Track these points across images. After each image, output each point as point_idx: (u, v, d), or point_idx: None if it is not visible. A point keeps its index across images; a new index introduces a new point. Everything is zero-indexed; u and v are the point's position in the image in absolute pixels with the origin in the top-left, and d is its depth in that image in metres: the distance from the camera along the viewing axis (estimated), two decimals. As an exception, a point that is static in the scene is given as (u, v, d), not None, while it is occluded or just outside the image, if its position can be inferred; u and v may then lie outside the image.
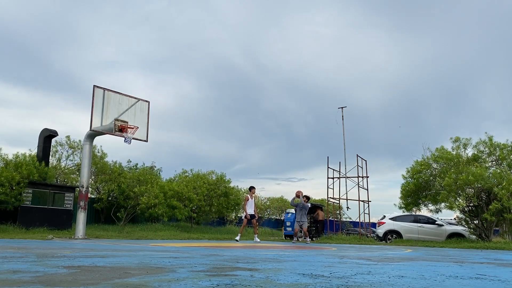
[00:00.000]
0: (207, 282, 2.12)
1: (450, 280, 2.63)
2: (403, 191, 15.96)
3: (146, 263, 3.24)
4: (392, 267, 3.56)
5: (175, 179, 21.88)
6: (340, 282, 2.29)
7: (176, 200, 18.35)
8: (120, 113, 12.14)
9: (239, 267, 3.09)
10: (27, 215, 14.15)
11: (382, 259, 4.84)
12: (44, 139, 15.93)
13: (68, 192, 15.77)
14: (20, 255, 3.84)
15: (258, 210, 32.18)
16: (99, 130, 11.72)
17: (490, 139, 14.81)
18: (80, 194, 11.92)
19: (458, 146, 15.23)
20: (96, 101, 11.68)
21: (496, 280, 2.69)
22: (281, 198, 33.72)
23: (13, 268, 2.64)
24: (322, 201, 27.38)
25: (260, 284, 2.11)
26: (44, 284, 1.91)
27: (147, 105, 12.98)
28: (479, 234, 14.18)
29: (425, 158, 15.48)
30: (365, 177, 19.76)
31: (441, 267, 3.73)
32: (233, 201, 21.94)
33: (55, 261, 3.28)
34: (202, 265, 3.19)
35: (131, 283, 2.03)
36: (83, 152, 12.26)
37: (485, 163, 14.89)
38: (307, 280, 2.35)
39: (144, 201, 17.13)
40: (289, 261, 3.98)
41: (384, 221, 17.16)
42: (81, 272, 2.49)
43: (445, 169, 14.53)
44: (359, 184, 19.63)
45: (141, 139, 12.58)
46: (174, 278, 2.26)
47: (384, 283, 2.32)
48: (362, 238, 17.49)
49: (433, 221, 16.20)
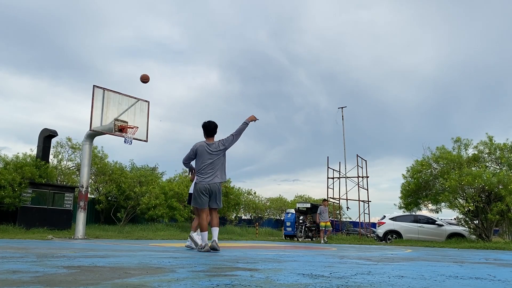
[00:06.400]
0: (207, 282, 2.12)
1: (450, 280, 2.63)
2: (403, 190, 15.96)
3: (146, 263, 3.23)
4: (392, 267, 3.56)
5: (175, 179, 21.87)
6: (340, 282, 2.29)
7: (177, 201, 18.34)
8: (120, 113, 12.14)
9: (239, 267, 3.08)
10: (27, 215, 14.15)
11: (382, 259, 4.84)
12: (44, 139, 15.92)
13: (68, 192, 15.77)
14: (20, 255, 3.84)
15: (258, 210, 32.21)
16: (99, 130, 11.71)
17: (490, 139, 14.82)
18: (80, 194, 11.92)
19: (459, 147, 15.23)
20: (96, 101, 11.68)
21: (496, 280, 2.69)
22: (280, 198, 33.70)
23: (13, 268, 2.64)
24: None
25: (260, 284, 2.11)
26: (44, 284, 1.90)
27: (147, 105, 12.98)
28: (479, 234, 14.17)
29: (426, 157, 15.48)
30: (365, 177, 19.77)
31: (441, 267, 3.73)
32: (233, 201, 21.90)
33: (55, 261, 3.28)
34: (202, 265, 3.19)
35: (131, 283, 2.03)
36: (83, 152, 12.25)
37: (485, 162, 14.90)
38: (307, 280, 2.34)
39: (144, 201, 17.12)
40: (289, 261, 3.98)
41: (384, 221, 17.16)
42: (81, 272, 2.49)
43: (446, 170, 14.52)
44: (359, 184, 19.64)
45: (141, 139, 12.58)
46: (174, 278, 2.26)
47: (384, 283, 2.31)
48: (362, 238, 17.50)
49: (433, 221, 16.20)
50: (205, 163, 5.60)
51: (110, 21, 56.54)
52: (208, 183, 5.56)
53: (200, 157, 5.67)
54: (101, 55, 59.74)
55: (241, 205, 26.02)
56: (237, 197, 22.45)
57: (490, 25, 54.06)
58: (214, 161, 5.63)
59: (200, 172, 5.64)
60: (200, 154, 5.66)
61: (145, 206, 17.18)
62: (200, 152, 5.66)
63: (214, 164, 5.63)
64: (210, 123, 5.78)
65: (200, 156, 5.67)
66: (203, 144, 5.70)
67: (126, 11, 56.76)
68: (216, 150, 5.66)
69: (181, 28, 61.98)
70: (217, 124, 5.80)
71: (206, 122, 5.80)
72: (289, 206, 29.57)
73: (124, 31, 57.53)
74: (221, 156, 5.72)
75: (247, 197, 30.41)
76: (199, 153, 5.67)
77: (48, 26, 53.04)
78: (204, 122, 5.81)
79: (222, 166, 5.72)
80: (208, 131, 5.77)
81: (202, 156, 5.64)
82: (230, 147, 5.76)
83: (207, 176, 5.58)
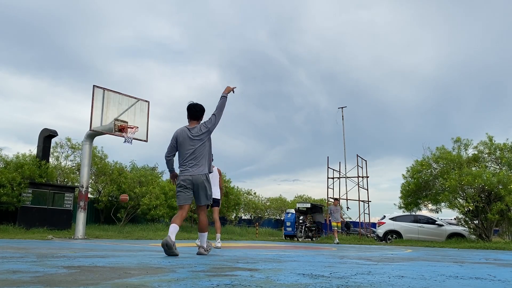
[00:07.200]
0: (207, 282, 2.12)
1: (450, 280, 2.63)
2: (403, 191, 15.96)
3: (146, 263, 3.23)
4: (392, 267, 3.56)
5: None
6: (340, 282, 2.29)
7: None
8: (120, 113, 12.14)
9: (239, 267, 3.08)
10: (27, 215, 14.15)
11: (382, 259, 4.84)
12: (44, 139, 15.92)
13: (68, 192, 15.77)
14: (19, 255, 3.84)
15: (258, 210, 32.23)
16: (99, 130, 11.72)
17: (490, 139, 14.82)
18: (80, 194, 11.92)
19: (459, 147, 15.23)
20: (96, 101, 11.68)
21: (496, 280, 2.69)
22: (280, 198, 33.70)
23: (13, 268, 2.64)
24: (322, 201, 27.38)
25: (260, 284, 2.11)
26: (44, 284, 1.90)
27: (147, 105, 12.98)
28: (479, 234, 14.18)
29: (426, 158, 15.48)
30: (365, 177, 19.77)
31: (441, 267, 3.73)
32: (233, 201, 21.92)
33: (55, 261, 3.28)
34: (202, 265, 3.19)
35: (131, 283, 2.03)
36: (83, 152, 12.26)
37: (485, 162, 14.90)
38: (307, 280, 2.34)
39: (145, 202, 17.12)
40: (289, 261, 3.98)
41: (384, 221, 17.16)
42: (81, 272, 2.49)
43: (446, 170, 14.53)
44: (359, 184, 19.64)
45: (141, 139, 12.58)
46: (174, 278, 2.26)
47: (384, 283, 2.31)
48: (362, 238, 17.50)
49: (433, 221, 16.20)
50: (188, 152, 4.72)
51: (110, 21, 56.60)
52: (190, 174, 4.66)
53: (182, 146, 4.79)
54: (101, 55, 59.79)
55: (241, 205, 26.04)
56: (237, 197, 22.45)
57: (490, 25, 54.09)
58: (196, 148, 4.73)
59: (182, 164, 4.77)
60: (181, 142, 4.79)
61: (146, 207, 17.18)
62: (182, 140, 4.79)
63: (197, 152, 4.73)
64: (196, 104, 4.91)
65: (181, 145, 4.79)
66: (184, 129, 4.84)
67: (126, 11, 56.83)
68: (198, 134, 4.76)
69: (181, 28, 62.07)
70: (204, 108, 4.94)
71: (192, 103, 4.92)
72: (289, 206, 29.59)
73: (124, 31, 57.59)
74: (206, 141, 4.80)
75: (247, 197, 30.43)
76: (180, 141, 4.80)
77: (48, 26, 53.08)
78: (189, 103, 4.94)
79: (207, 154, 4.82)
80: (192, 113, 4.88)
81: (184, 144, 4.77)
82: (214, 128, 4.84)
83: (189, 166, 4.70)
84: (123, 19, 58.07)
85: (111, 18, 56.52)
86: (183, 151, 4.78)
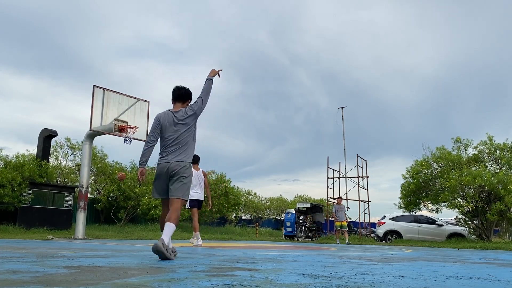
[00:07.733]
0: (207, 282, 2.12)
1: (450, 280, 2.63)
2: (403, 191, 15.96)
3: (146, 263, 3.23)
4: (392, 267, 3.56)
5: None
6: (340, 282, 2.29)
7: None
8: (120, 113, 12.14)
9: (239, 267, 3.08)
10: (27, 215, 14.15)
11: (382, 259, 4.84)
12: (44, 139, 15.93)
13: (68, 192, 15.78)
14: (19, 255, 3.84)
15: (258, 210, 32.22)
16: (99, 130, 11.72)
17: (490, 139, 14.82)
18: (80, 194, 11.92)
19: (459, 147, 15.23)
20: (96, 100, 11.68)
21: (496, 280, 2.69)
22: (280, 198, 33.70)
23: (13, 268, 2.64)
24: (322, 201, 27.37)
25: (260, 284, 2.11)
26: (44, 284, 1.90)
27: (147, 105, 12.98)
28: (479, 234, 14.18)
29: (425, 158, 15.49)
30: (365, 177, 19.77)
31: (441, 267, 3.73)
32: (233, 201, 21.92)
33: (55, 261, 3.28)
34: (202, 265, 3.19)
35: (131, 283, 2.03)
36: (83, 152, 12.25)
37: (485, 162, 14.90)
38: (307, 280, 2.34)
39: (145, 202, 17.12)
40: (289, 261, 3.98)
41: (384, 221, 17.16)
42: (81, 272, 2.49)
43: (446, 170, 14.53)
44: (359, 184, 19.64)
45: (141, 139, 12.58)
46: (174, 278, 2.26)
47: (384, 283, 2.31)
48: (362, 238, 17.50)
49: (433, 221, 16.21)
50: (171, 138, 4.20)
51: (110, 21, 56.61)
52: (168, 161, 4.11)
53: (164, 131, 4.26)
54: (101, 55, 59.80)
55: (241, 205, 26.03)
56: (237, 197, 22.45)
57: (490, 25, 54.10)
58: (181, 134, 4.20)
59: (162, 151, 4.24)
60: (164, 127, 4.27)
61: (145, 206, 17.19)
62: (165, 123, 4.27)
63: (181, 137, 4.20)
64: (182, 86, 4.45)
65: (165, 129, 4.26)
66: (168, 113, 4.32)
67: (126, 11, 56.84)
68: (184, 117, 4.25)
69: (181, 28, 62.07)
70: (191, 92, 4.46)
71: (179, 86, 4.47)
72: (289, 206, 29.59)
73: (124, 31, 57.59)
74: (191, 127, 4.29)
75: (247, 197, 30.42)
76: (163, 125, 4.27)
77: (48, 26, 53.08)
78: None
79: (192, 143, 4.30)
80: (177, 94, 4.39)
81: (167, 129, 4.25)
82: (200, 112, 4.34)
83: (169, 153, 4.16)
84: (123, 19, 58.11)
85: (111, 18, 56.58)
86: (165, 136, 4.27)
